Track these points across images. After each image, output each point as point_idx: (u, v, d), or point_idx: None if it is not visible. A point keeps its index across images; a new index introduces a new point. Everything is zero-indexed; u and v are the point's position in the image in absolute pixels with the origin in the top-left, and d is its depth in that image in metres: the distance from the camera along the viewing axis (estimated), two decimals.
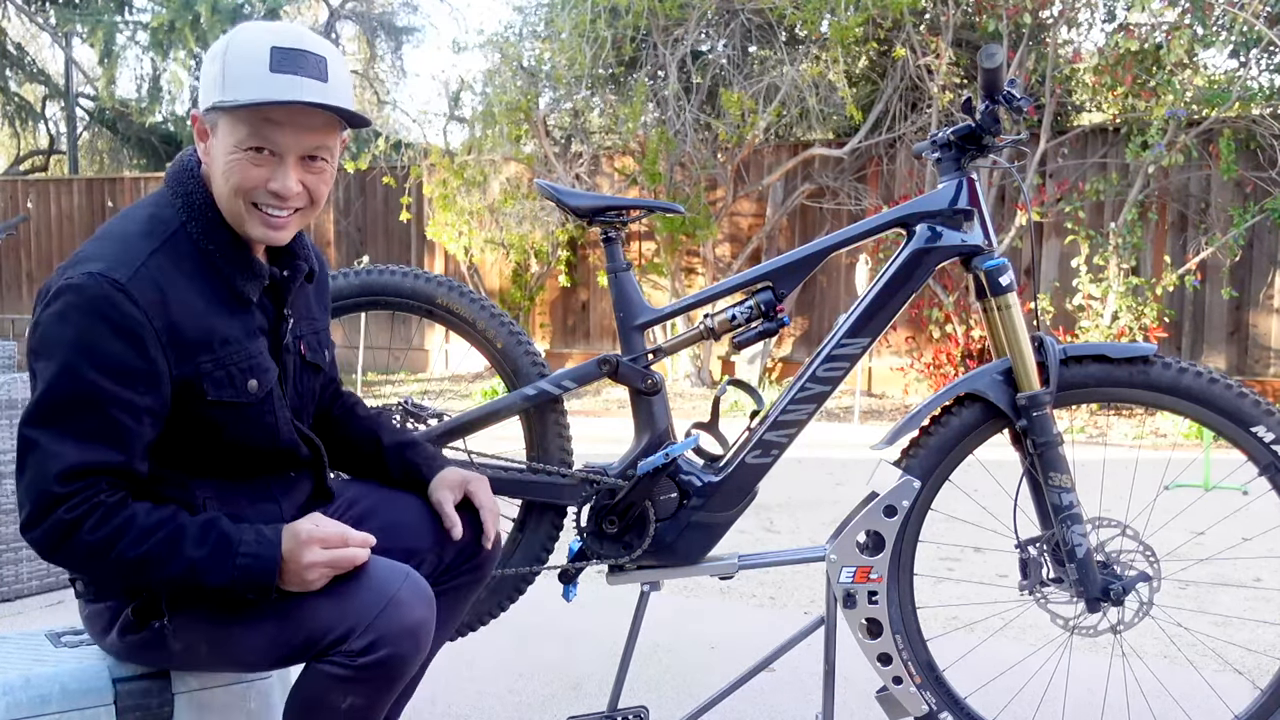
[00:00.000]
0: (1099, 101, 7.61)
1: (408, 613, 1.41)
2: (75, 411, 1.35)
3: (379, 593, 1.42)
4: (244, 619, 1.43)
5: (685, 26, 7.78)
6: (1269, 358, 7.11)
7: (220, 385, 1.44)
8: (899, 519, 1.93)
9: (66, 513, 1.33)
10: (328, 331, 1.73)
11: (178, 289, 1.41)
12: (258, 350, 1.50)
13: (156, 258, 1.41)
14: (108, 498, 1.35)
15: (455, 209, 8.61)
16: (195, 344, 1.41)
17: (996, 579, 3.38)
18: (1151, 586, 1.94)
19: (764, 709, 2.39)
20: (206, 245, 1.46)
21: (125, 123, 13.72)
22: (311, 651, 1.42)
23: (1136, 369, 1.90)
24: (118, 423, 1.36)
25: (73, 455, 1.33)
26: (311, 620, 1.41)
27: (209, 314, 1.44)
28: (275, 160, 1.43)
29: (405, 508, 1.69)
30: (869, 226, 1.99)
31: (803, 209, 8.32)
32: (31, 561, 3.09)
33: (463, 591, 1.73)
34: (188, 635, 1.46)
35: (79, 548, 1.34)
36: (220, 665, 1.52)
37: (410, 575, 1.46)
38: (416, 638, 1.42)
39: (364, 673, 1.39)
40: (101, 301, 1.35)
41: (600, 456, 2.15)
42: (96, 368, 1.34)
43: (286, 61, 1.39)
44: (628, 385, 2.03)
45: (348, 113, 1.45)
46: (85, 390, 1.34)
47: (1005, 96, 1.86)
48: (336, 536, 1.41)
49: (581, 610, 3.01)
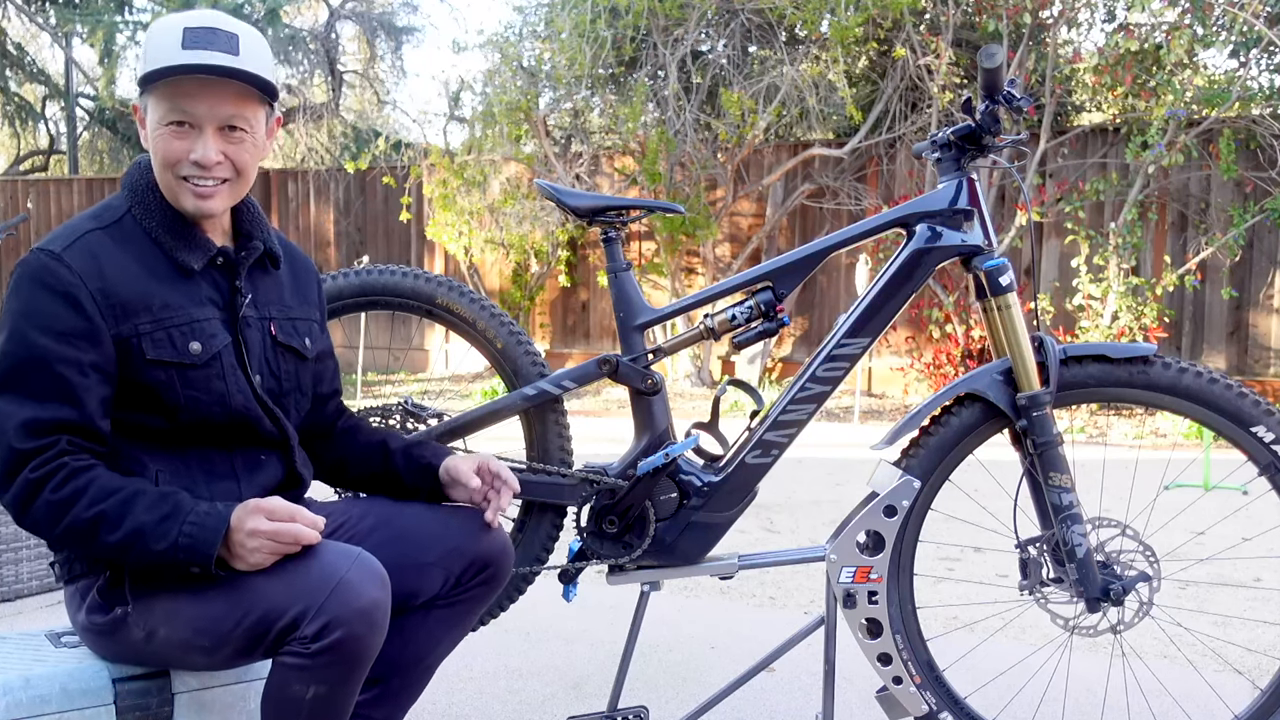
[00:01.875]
0: (1099, 101, 7.61)
1: (358, 593, 1.40)
2: (26, 373, 1.44)
3: (327, 574, 1.41)
4: (197, 601, 1.44)
5: (685, 26, 7.78)
6: (1269, 358, 7.11)
7: (159, 345, 1.50)
8: (899, 519, 1.93)
9: (31, 472, 1.41)
10: (313, 324, 1.74)
11: (114, 258, 1.51)
12: (204, 316, 1.55)
13: (96, 234, 1.52)
14: (73, 460, 1.42)
15: (455, 209, 8.61)
16: (132, 306, 1.49)
17: (996, 579, 3.38)
18: (1151, 586, 1.94)
19: (764, 709, 2.39)
20: (149, 224, 1.55)
21: (125, 123, 13.71)
22: (267, 640, 1.42)
23: (1136, 369, 1.90)
24: (65, 379, 1.44)
25: (28, 412, 1.42)
26: (260, 601, 1.41)
27: (149, 281, 1.52)
28: (195, 132, 1.52)
29: (414, 522, 1.67)
30: (869, 226, 1.99)
31: (803, 209, 8.32)
32: (31, 561, 3.09)
33: (474, 602, 1.71)
34: (147, 620, 1.48)
35: (42, 507, 1.41)
36: (178, 654, 1.51)
37: (360, 556, 1.45)
38: (370, 618, 1.41)
39: (319, 659, 1.39)
40: (40, 270, 1.47)
41: (600, 456, 2.15)
42: (39, 329, 1.44)
43: (197, 39, 1.50)
44: (628, 385, 2.03)
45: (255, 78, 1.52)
46: (32, 352, 1.44)
47: (1005, 96, 1.86)
48: (284, 510, 1.43)
49: (581, 610, 3.01)
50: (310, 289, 1.76)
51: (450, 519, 1.69)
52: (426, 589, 1.65)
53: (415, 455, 1.76)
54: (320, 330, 1.76)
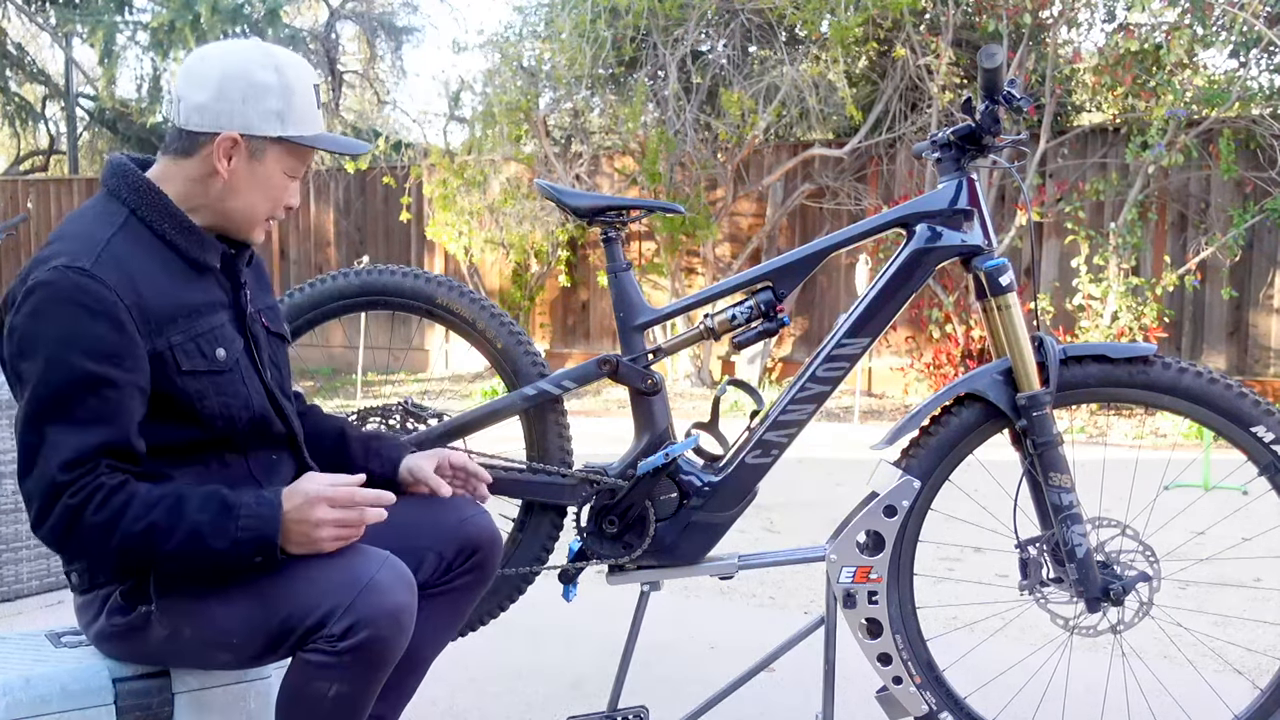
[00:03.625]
0: (1099, 101, 7.61)
1: (387, 595, 1.41)
2: (70, 400, 1.40)
3: (357, 575, 1.42)
4: (224, 600, 1.44)
5: (685, 26, 7.78)
6: (1269, 358, 7.11)
7: (191, 355, 1.50)
8: (899, 519, 1.93)
9: (70, 498, 1.37)
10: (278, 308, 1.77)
11: (140, 265, 1.48)
12: (220, 322, 1.56)
13: (115, 241, 1.48)
14: (108, 479, 1.39)
15: (455, 209, 8.61)
16: (164, 317, 1.48)
17: (996, 579, 3.38)
18: (1151, 586, 1.94)
19: (764, 709, 2.39)
20: (160, 225, 1.53)
21: (125, 123, 13.70)
22: (292, 638, 1.42)
23: (1136, 369, 1.90)
24: (111, 401, 1.41)
25: (75, 442, 1.38)
26: (288, 600, 1.42)
27: (173, 287, 1.50)
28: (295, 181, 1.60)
29: (405, 507, 1.68)
30: (869, 226, 1.99)
31: (803, 209, 8.32)
32: (31, 561, 3.09)
33: (466, 592, 1.72)
34: (172, 619, 1.47)
35: (86, 531, 1.38)
36: (202, 653, 1.51)
37: (389, 558, 1.46)
38: (398, 620, 1.42)
39: (346, 658, 1.39)
40: (73, 290, 1.41)
41: (600, 456, 2.15)
42: (83, 352, 1.40)
43: (317, 96, 1.58)
44: (628, 385, 2.03)
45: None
46: (76, 376, 1.39)
47: (1005, 96, 1.86)
48: (345, 496, 1.43)
49: (581, 610, 3.01)
50: (264, 274, 1.79)
51: (438, 505, 1.72)
52: (421, 574, 1.65)
53: (373, 449, 1.77)
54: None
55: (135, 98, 13.60)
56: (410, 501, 1.70)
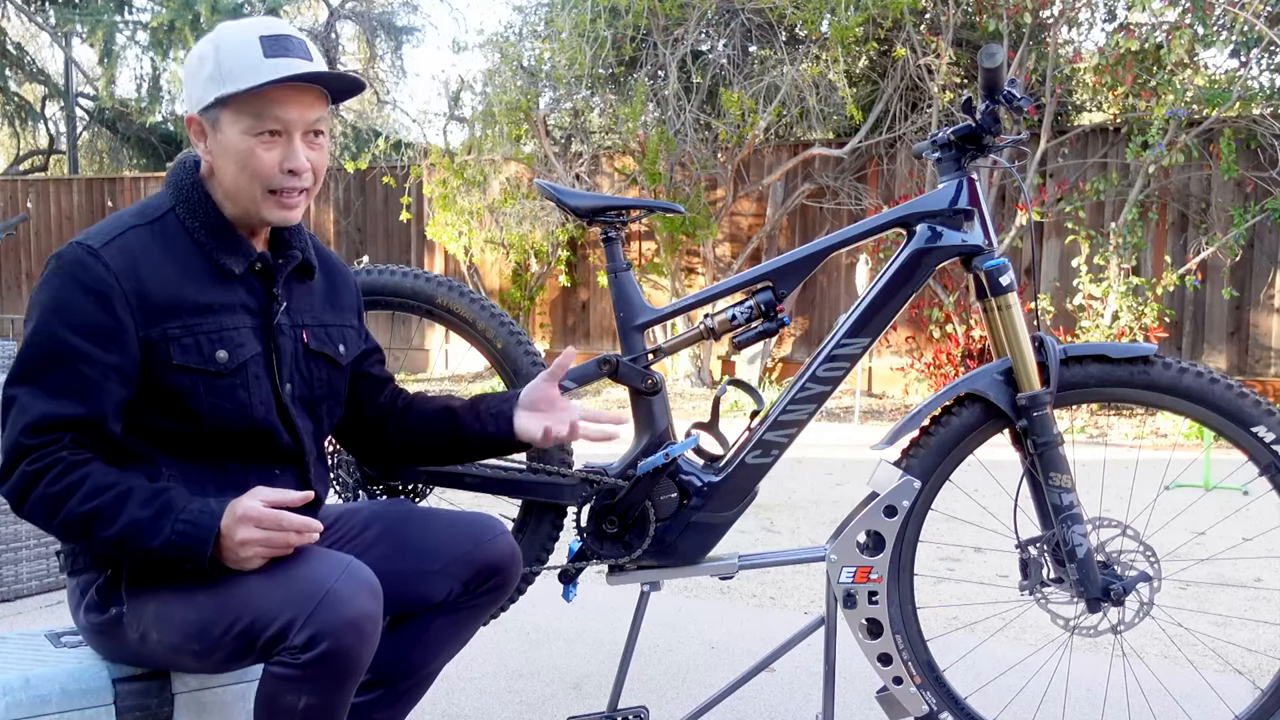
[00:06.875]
0: (1099, 101, 7.61)
1: (348, 604, 1.39)
2: (47, 367, 1.44)
3: (316, 584, 1.40)
4: (187, 604, 1.44)
5: (685, 26, 7.78)
6: (1269, 357, 7.11)
7: (186, 350, 1.49)
8: (899, 519, 1.93)
9: (29, 465, 1.41)
10: (347, 329, 1.73)
11: (152, 258, 1.49)
12: (235, 324, 1.54)
13: (137, 232, 1.50)
14: (70, 455, 1.42)
15: (455, 209, 8.61)
16: (163, 309, 1.48)
17: (996, 579, 3.38)
18: (1152, 586, 1.94)
19: (764, 709, 2.39)
20: (192, 224, 1.54)
21: (125, 122, 13.71)
22: (255, 648, 1.41)
23: (1137, 369, 1.89)
24: (85, 377, 1.43)
25: (41, 408, 1.42)
26: (249, 609, 1.40)
27: (184, 284, 1.51)
28: (284, 140, 1.51)
29: (419, 530, 1.67)
30: (869, 226, 1.99)
31: (803, 209, 8.32)
32: (31, 561, 3.09)
33: (483, 609, 1.71)
34: (140, 623, 1.47)
35: (36, 500, 1.41)
36: (170, 658, 1.50)
37: (350, 565, 1.44)
38: (360, 629, 1.39)
39: (309, 670, 1.38)
40: (74, 265, 1.46)
41: (600, 456, 2.15)
42: (68, 326, 1.44)
43: (276, 46, 1.49)
44: (628, 385, 2.03)
45: (346, 78, 1.54)
46: (56, 347, 1.44)
47: (1005, 96, 1.86)
48: (271, 518, 1.41)
49: (581, 610, 3.01)
50: (346, 294, 1.75)
51: (458, 526, 1.68)
52: (433, 596, 1.64)
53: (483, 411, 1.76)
54: (358, 335, 1.76)
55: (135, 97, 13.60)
56: (430, 523, 1.68)
